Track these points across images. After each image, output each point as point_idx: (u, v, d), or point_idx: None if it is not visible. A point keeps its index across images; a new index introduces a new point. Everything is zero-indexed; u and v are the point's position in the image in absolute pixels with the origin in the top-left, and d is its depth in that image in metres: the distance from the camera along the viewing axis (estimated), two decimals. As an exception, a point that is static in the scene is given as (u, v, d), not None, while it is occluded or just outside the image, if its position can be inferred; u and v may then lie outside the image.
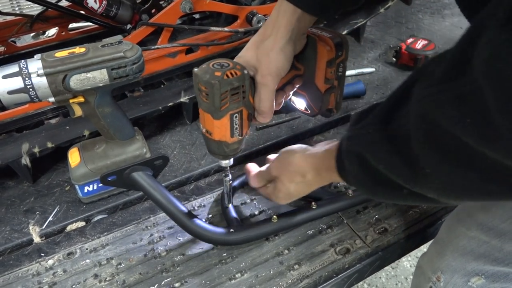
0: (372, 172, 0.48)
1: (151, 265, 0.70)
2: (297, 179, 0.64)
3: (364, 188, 0.53)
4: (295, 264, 0.69)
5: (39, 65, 0.63)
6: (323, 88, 0.70)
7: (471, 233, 0.64)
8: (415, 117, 0.41)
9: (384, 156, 0.46)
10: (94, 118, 0.73)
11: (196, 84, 0.58)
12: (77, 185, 0.77)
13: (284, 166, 0.65)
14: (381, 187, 0.50)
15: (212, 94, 0.56)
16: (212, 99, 0.56)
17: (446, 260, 0.66)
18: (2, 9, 1.09)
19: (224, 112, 0.58)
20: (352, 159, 0.52)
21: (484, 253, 0.63)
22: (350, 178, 0.54)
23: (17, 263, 0.71)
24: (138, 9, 1.01)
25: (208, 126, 0.61)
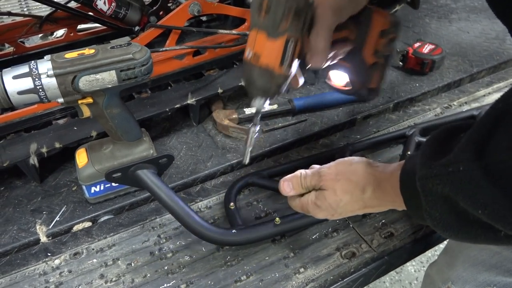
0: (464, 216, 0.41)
1: (157, 266, 0.70)
2: (355, 192, 0.56)
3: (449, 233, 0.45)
4: (301, 267, 0.69)
5: (49, 66, 0.64)
6: (370, 60, 0.66)
7: None
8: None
9: (486, 200, 0.38)
10: (102, 119, 0.74)
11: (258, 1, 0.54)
12: (84, 186, 0.78)
13: (344, 173, 0.57)
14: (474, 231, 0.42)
15: (275, 6, 0.52)
16: (274, 14, 0.53)
17: (456, 271, 0.65)
18: (12, 10, 1.10)
19: (282, 32, 0.54)
20: (434, 202, 0.44)
21: (496, 264, 0.62)
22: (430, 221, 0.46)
23: (24, 262, 0.72)
24: (146, 11, 1.01)
25: (258, 47, 0.55)
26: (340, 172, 0.58)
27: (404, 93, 1.07)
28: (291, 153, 0.93)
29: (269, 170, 0.85)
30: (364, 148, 0.91)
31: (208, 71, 1.03)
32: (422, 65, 1.12)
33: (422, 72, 1.13)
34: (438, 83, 1.11)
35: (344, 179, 0.57)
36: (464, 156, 0.40)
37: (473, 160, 0.39)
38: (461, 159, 0.40)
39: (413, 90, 1.08)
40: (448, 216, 0.43)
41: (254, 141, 0.63)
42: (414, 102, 1.08)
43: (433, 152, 0.45)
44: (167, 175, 0.86)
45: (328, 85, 0.76)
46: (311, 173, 0.60)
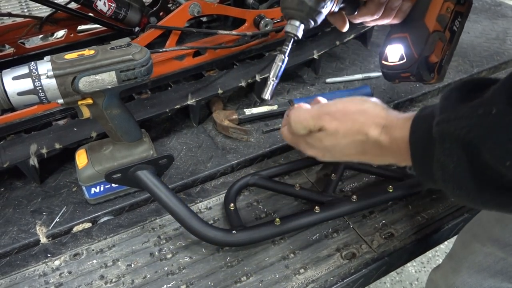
0: (483, 170, 0.35)
1: (157, 267, 0.70)
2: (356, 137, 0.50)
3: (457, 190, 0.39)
4: (301, 268, 0.69)
5: (48, 66, 0.64)
6: (432, 27, 0.60)
7: (487, 249, 0.61)
8: None
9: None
10: (102, 120, 0.74)
11: None
12: (84, 186, 0.78)
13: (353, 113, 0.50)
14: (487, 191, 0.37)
15: None
16: None
17: (461, 277, 0.64)
18: (12, 10, 1.10)
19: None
20: (452, 149, 0.37)
21: (501, 270, 0.61)
22: (438, 175, 0.39)
23: (24, 263, 0.72)
24: (146, 12, 1.01)
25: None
26: (348, 112, 0.51)
27: (404, 93, 1.07)
28: (291, 154, 0.92)
29: (269, 170, 0.85)
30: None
31: (208, 72, 1.03)
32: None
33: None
34: (439, 84, 1.11)
35: (350, 120, 0.50)
36: (500, 99, 0.34)
37: (508, 104, 0.33)
38: (495, 101, 0.34)
39: (413, 91, 1.08)
40: (463, 169, 0.37)
41: (280, 72, 0.56)
42: (415, 102, 1.07)
43: (458, 97, 0.39)
44: (167, 176, 0.86)
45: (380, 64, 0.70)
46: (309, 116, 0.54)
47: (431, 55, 0.61)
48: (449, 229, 0.76)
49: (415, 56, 0.63)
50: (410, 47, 0.65)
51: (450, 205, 0.78)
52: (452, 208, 0.78)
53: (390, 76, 0.71)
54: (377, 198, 0.77)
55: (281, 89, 1.11)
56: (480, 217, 0.68)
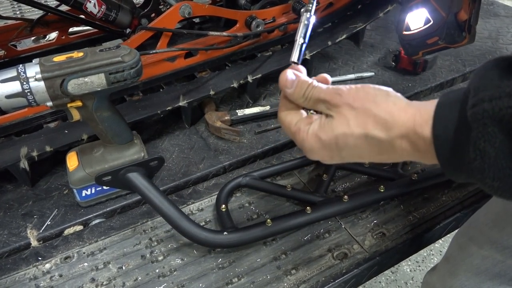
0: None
1: (148, 269, 0.70)
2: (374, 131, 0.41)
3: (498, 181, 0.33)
4: (292, 269, 0.69)
5: (37, 69, 0.64)
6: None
7: (484, 251, 0.61)
8: None
9: None
10: (92, 122, 0.74)
11: None
12: (75, 189, 0.77)
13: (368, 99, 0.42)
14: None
15: None
16: None
17: (459, 280, 0.64)
18: (3, 13, 1.10)
19: None
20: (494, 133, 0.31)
21: (499, 273, 0.60)
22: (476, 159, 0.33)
23: (15, 267, 0.71)
24: (137, 14, 1.01)
25: None
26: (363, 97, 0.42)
27: (396, 93, 1.07)
28: (284, 155, 0.92)
29: (261, 171, 0.85)
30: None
31: (200, 73, 1.03)
32: (415, 65, 1.12)
33: (414, 72, 1.14)
34: (431, 83, 1.11)
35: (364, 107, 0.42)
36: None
37: None
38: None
39: (406, 90, 1.08)
40: (508, 157, 0.32)
41: (308, 32, 0.48)
42: (407, 102, 1.07)
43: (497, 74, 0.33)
44: (159, 178, 0.85)
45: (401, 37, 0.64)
46: (325, 87, 0.45)
47: (460, 11, 0.55)
48: (441, 228, 0.76)
49: (442, 15, 0.58)
50: (436, 7, 0.59)
51: (441, 205, 0.78)
52: (444, 207, 0.78)
53: (414, 47, 0.64)
54: (369, 198, 0.77)
55: (274, 89, 1.11)
56: (476, 219, 0.68)
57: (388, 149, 0.41)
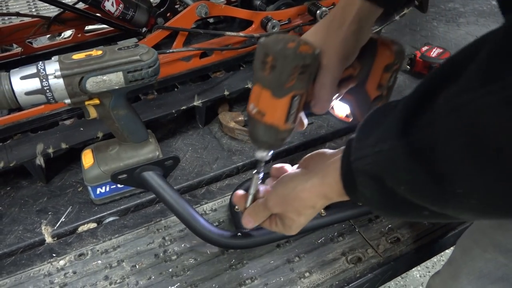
0: (391, 194, 0.42)
1: (161, 268, 0.70)
2: (306, 211, 0.56)
3: (381, 211, 0.48)
4: (306, 271, 0.68)
5: (56, 66, 0.64)
6: (373, 95, 0.65)
7: (488, 255, 0.61)
8: (449, 131, 0.34)
9: (406, 177, 0.39)
10: (108, 120, 0.74)
11: (262, 55, 0.51)
12: (89, 187, 0.78)
13: (288, 202, 0.56)
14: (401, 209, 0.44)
15: (281, 66, 0.50)
16: (280, 73, 0.50)
17: (461, 283, 0.64)
18: (20, 10, 1.11)
19: (287, 90, 0.52)
20: (366, 182, 0.45)
21: (502, 277, 0.60)
22: (363, 200, 0.47)
23: (29, 263, 0.72)
24: (154, 13, 1.01)
25: (263, 105, 0.54)
26: (283, 201, 0.57)
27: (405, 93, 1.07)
28: (297, 157, 0.92)
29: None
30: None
31: (215, 73, 1.03)
32: (430, 69, 1.12)
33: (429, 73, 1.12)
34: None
35: (290, 206, 0.56)
36: (389, 134, 0.40)
37: (398, 138, 0.39)
38: (386, 138, 0.41)
39: (420, 94, 1.07)
40: (379, 195, 0.44)
41: (258, 186, 0.63)
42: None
43: (365, 132, 0.45)
44: (172, 177, 0.86)
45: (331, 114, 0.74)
46: (262, 205, 0.60)
47: None
48: (455, 234, 0.75)
49: (359, 118, 0.68)
50: (355, 111, 0.70)
51: (457, 210, 0.77)
52: (459, 213, 0.77)
53: None
54: (384, 202, 0.76)
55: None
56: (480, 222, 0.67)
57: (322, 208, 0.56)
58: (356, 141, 0.46)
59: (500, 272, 0.60)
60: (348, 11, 0.59)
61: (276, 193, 0.58)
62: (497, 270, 0.60)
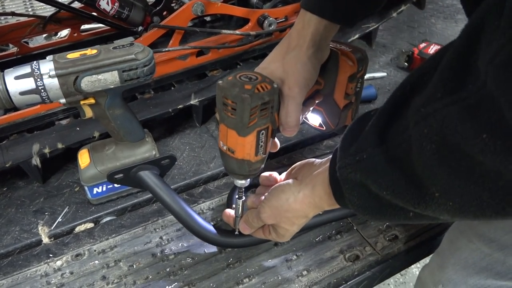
0: (376, 199, 0.44)
1: (159, 268, 0.70)
2: (299, 221, 0.59)
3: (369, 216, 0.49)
4: (304, 270, 0.68)
5: (51, 66, 0.64)
6: (342, 104, 0.68)
7: (472, 245, 0.62)
8: (419, 138, 0.36)
9: (388, 182, 0.41)
10: (104, 120, 0.73)
11: (221, 98, 0.53)
12: (86, 186, 0.78)
13: (280, 213, 0.58)
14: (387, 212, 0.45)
15: (241, 109, 0.52)
16: (241, 115, 0.52)
17: (447, 273, 0.65)
18: (16, 10, 1.10)
19: (251, 128, 0.54)
20: (351, 189, 0.46)
21: (486, 267, 0.61)
22: (351, 207, 0.49)
23: (26, 264, 0.71)
24: (149, 11, 1.01)
25: (231, 143, 0.56)
26: (276, 213, 0.58)
27: (409, 94, 1.06)
28: (295, 155, 0.92)
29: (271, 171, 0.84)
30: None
31: (212, 72, 1.03)
32: (428, 65, 1.11)
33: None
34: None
35: (283, 217, 0.58)
36: (367, 143, 0.43)
37: (375, 146, 0.41)
38: (365, 146, 0.43)
39: (418, 91, 1.07)
40: (365, 200, 0.46)
41: (243, 210, 0.65)
42: (419, 103, 1.06)
43: (348, 141, 0.47)
44: (169, 176, 0.85)
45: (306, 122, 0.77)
46: (255, 216, 0.62)
47: (346, 121, 0.71)
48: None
49: (331, 127, 0.72)
50: (326, 120, 0.73)
51: (455, 207, 0.77)
52: (457, 210, 0.77)
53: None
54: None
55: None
56: None
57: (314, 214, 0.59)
58: (340, 150, 0.48)
59: (485, 262, 0.61)
60: (304, 35, 0.60)
61: (268, 205, 0.59)
62: (481, 260, 0.61)
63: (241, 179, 0.62)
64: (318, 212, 0.58)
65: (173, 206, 0.69)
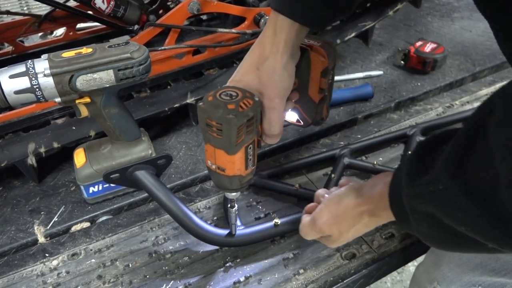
0: (450, 231, 0.42)
1: (155, 267, 0.69)
2: (356, 225, 0.58)
3: (438, 246, 0.48)
4: (301, 268, 0.68)
5: (46, 65, 0.63)
6: (317, 99, 0.69)
7: None
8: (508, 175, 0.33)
9: (467, 218, 0.38)
10: (100, 119, 0.73)
11: (204, 120, 0.53)
12: (82, 186, 0.77)
13: (339, 215, 0.58)
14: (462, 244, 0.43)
15: (228, 130, 0.51)
16: (228, 135, 0.52)
17: (442, 271, 0.65)
18: (11, 8, 1.09)
19: (239, 146, 0.54)
20: (420, 219, 0.44)
21: (480, 264, 0.61)
22: (419, 235, 0.47)
23: (22, 263, 0.71)
24: (145, 10, 1.00)
25: (221, 162, 0.56)
26: (334, 215, 0.59)
27: (405, 92, 1.07)
28: (291, 153, 0.92)
29: (269, 170, 0.84)
30: (365, 148, 0.90)
31: (208, 70, 1.02)
32: (424, 64, 1.11)
33: (424, 71, 1.13)
34: (440, 83, 1.10)
35: (341, 221, 0.58)
36: (443, 174, 0.40)
37: (452, 177, 0.39)
38: (440, 177, 0.40)
39: (415, 90, 1.07)
40: (436, 231, 0.44)
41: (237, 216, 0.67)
42: (416, 101, 1.07)
43: (416, 168, 0.45)
44: (166, 175, 0.85)
45: None
46: (312, 229, 0.62)
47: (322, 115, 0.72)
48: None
49: (309, 121, 0.73)
50: (303, 115, 0.73)
51: (451, 205, 0.77)
52: (454, 208, 0.77)
53: None
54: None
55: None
56: None
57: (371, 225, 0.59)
58: (407, 176, 0.45)
59: (478, 259, 0.62)
60: (277, 42, 0.58)
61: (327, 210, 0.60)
62: (475, 257, 0.62)
63: (232, 192, 0.62)
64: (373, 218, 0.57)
65: (170, 206, 0.69)
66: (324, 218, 0.59)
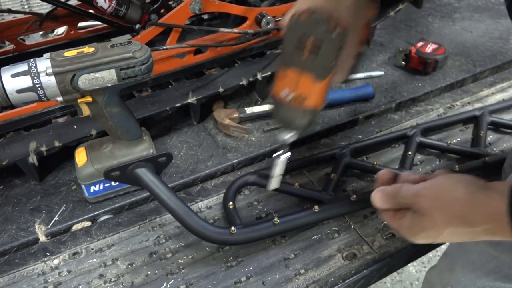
0: None
1: (156, 266, 0.69)
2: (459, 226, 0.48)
3: None
4: (302, 268, 0.68)
5: (48, 64, 0.63)
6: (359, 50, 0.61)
7: (479, 247, 0.62)
8: None
9: None
10: (101, 118, 0.73)
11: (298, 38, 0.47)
12: (83, 185, 0.77)
13: (444, 201, 0.48)
14: None
15: (328, 49, 0.46)
16: (325, 56, 0.46)
17: (455, 276, 0.64)
18: (12, 7, 1.09)
19: (330, 70, 0.49)
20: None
21: (494, 269, 0.61)
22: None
23: (23, 262, 0.71)
24: (147, 9, 1.00)
25: (304, 89, 0.49)
26: (440, 197, 0.49)
27: (406, 93, 1.07)
28: (292, 153, 0.91)
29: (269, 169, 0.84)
30: (365, 148, 0.90)
31: (209, 70, 1.02)
32: (425, 64, 1.12)
33: (424, 72, 1.13)
34: (441, 83, 1.10)
35: (444, 207, 0.48)
36: None
37: None
38: None
39: (416, 90, 1.08)
40: None
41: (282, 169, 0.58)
42: (417, 102, 1.07)
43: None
44: (167, 175, 0.85)
45: None
46: (410, 193, 0.52)
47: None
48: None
49: None
50: None
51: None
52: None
53: None
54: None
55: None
56: None
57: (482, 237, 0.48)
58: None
59: (492, 264, 0.61)
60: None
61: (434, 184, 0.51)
62: (489, 262, 0.61)
63: (292, 133, 0.56)
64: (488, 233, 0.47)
65: (170, 204, 0.69)
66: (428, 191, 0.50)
